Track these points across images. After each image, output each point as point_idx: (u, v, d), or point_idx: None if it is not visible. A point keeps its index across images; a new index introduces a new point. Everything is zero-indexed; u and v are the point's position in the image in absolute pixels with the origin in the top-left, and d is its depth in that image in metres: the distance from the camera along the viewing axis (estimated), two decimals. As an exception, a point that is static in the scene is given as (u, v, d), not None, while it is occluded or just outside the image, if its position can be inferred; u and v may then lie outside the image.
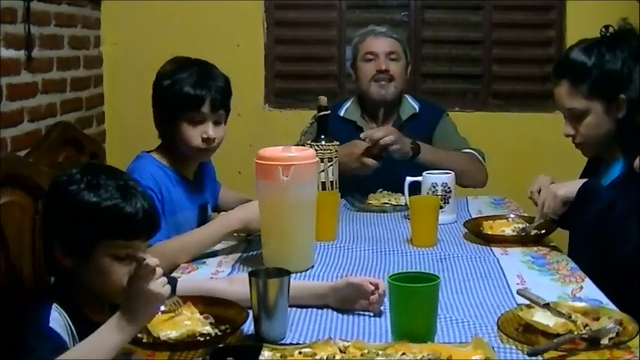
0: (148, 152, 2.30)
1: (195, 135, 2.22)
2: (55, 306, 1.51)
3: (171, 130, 2.25)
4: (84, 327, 1.50)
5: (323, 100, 2.48)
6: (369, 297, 1.66)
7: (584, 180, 2.14)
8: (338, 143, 2.46)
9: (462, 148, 2.93)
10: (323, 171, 2.39)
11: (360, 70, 2.96)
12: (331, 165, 2.42)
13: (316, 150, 2.29)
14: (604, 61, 2.12)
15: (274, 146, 2.03)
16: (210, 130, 2.23)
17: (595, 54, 2.13)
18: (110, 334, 1.40)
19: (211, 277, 1.94)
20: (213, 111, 2.24)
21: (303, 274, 1.96)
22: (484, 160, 2.94)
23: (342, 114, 2.98)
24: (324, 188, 2.40)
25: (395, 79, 2.91)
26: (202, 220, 2.32)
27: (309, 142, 2.43)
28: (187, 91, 2.20)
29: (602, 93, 2.12)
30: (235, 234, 2.20)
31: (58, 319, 1.49)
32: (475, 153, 2.93)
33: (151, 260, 1.43)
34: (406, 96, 3.03)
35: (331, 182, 2.43)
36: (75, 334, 1.50)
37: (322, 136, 2.44)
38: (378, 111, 2.96)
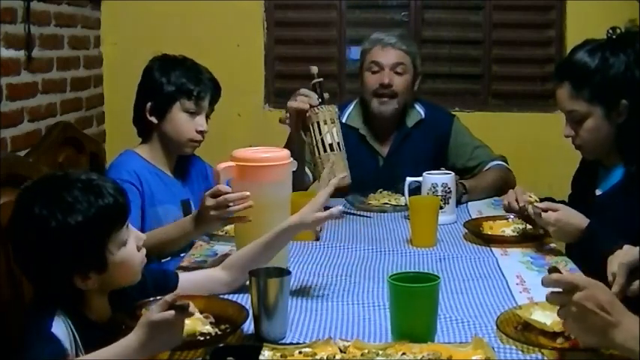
0: (132, 149, 2.37)
1: (190, 126, 2.32)
2: (58, 313, 1.48)
3: (163, 122, 2.30)
4: (87, 331, 1.50)
5: (314, 69, 2.50)
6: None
7: (587, 224, 2.03)
8: (336, 107, 2.46)
9: (487, 161, 2.90)
10: (328, 132, 2.38)
11: (364, 80, 2.91)
12: (334, 126, 2.40)
13: (317, 112, 2.36)
14: (607, 65, 2.07)
15: (267, 146, 2.04)
16: (204, 122, 2.34)
17: (599, 57, 2.08)
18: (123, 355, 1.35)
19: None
20: (210, 105, 2.35)
21: (303, 273, 1.96)
22: (507, 162, 2.93)
23: (344, 120, 2.92)
24: (331, 149, 2.37)
25: (397, 94, 2.85)
26: (187, 215, 2.33)
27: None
28: (189, 82, 2.30)
29: (603, 98, 2.09)
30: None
31: (60, 326, 1.46)
32: (502, 163, 2.91)
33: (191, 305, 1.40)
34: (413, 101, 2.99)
35: (337, 143, 2.38)
36: (79, 341, 1.49)
37: (320, 100, 2.43)
38: (378, 125, 2.94)
